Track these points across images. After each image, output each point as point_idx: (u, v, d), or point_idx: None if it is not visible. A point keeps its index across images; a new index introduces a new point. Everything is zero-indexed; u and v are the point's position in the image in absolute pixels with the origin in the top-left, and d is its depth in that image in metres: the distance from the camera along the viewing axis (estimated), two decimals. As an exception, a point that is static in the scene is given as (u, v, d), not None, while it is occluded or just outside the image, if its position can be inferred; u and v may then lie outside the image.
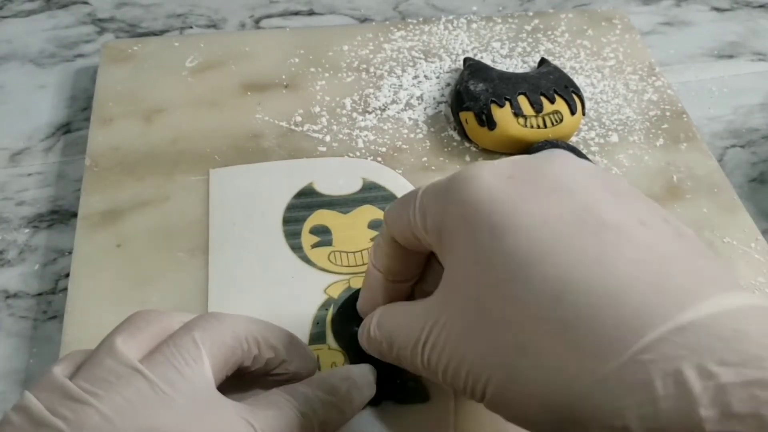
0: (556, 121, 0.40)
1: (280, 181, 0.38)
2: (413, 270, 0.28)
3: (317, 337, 0.32)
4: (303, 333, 0.32)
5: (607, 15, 0.51)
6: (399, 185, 0.38)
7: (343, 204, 0.37)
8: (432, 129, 0.42)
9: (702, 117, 0.48)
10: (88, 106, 0.44)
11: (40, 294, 0.36)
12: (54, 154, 0.42)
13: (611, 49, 0.49)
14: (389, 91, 0.44)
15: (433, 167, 0.40)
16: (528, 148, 0.39)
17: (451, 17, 0.50)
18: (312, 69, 0.45)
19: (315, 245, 0.35)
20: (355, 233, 0.36)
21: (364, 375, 0.26)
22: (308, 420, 0.23)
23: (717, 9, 0.56)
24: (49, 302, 0.36)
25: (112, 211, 0.37)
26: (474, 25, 0.49)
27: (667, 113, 0.45)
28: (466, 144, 0.42)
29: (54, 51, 0.48)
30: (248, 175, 0.38)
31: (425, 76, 0.45)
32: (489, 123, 0.39)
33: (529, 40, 0.49)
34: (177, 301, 0.33)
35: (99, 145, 0.40)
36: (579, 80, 0.46)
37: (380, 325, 0.26)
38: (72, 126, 0.44)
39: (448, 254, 0.23)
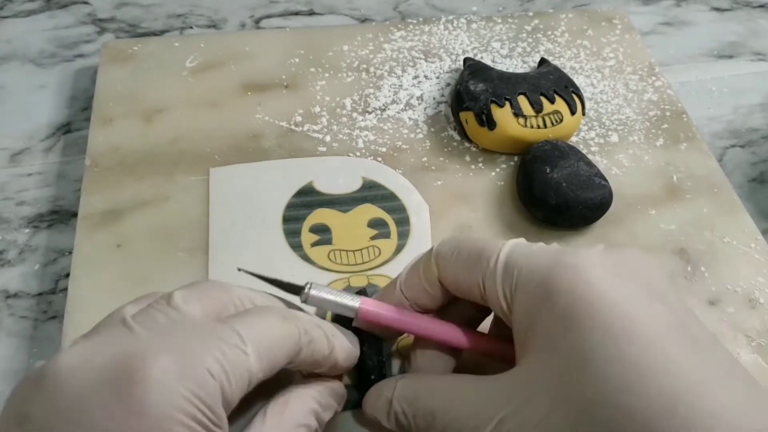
0: (556, 121, 0.40)
1: (280, 180, 0.38)
2: (442, 303, 0.27)
3: None
4: None
5: (607, 15, 0.51)
6: (399, 184, 0.39)
7: (342, 203, 0.37)
8: (432, 129, 0.42)
9: (702, 117, 0.48)
10: (88, 106, 0.44)
11: (40, 294, 0.36)
12: (54, 154, 0.42)
13: (611, 49, 0.49)
14: (389, 91, 0.44)
15: (433, 167, 0.40)
16: (528, 148, 0.39)
17: (451, 17, 0.50)
18: (312, 69, 0.45)
19: (315, 244, 0.36)
20: (355, 232, 0.36)
21: (349, 335, 0.27)
22: (291, 325, 0.23)
23: (717, 9, 0.56)
24: (49, 302, 0.36)
25: (113, 211, 0.37)
26: (474, 25, 0.49)
27: (667, 113, 0.45)
28: (466, 144, 0.42)
29: (54, 51, 0.48)
30: (248, 174, 0.39)
31: (425, 76, 0.45)
32: (489, 123, 0.39)
33: (529, 40, 0.49)
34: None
35: (99, 145, 0.40)
36: (579, 80, 0.46)
37: (411, 399, 0.25)
38: (72, 126, 0.44)
39: (539, 342, 0.22)
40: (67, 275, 0.35)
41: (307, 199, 0.37)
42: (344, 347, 0.26)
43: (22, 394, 0.21)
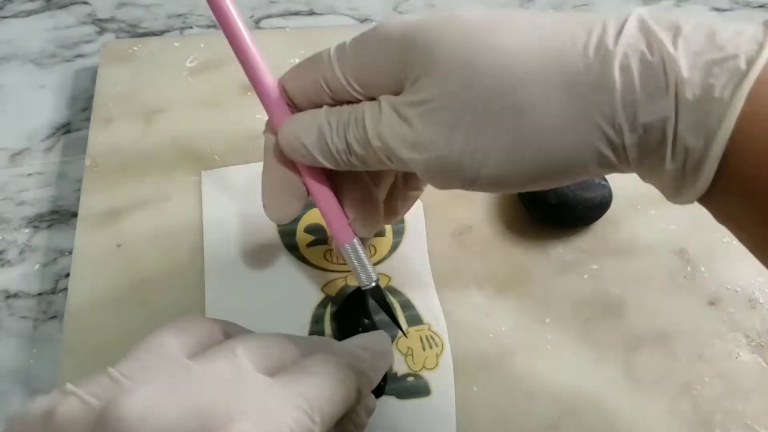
0: (556, 121, 0.40)
1: None
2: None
3: (317, 335, 0.32)
4: (302, 330, 0.32)
5: (606, 15, 0.51)
6: None
7: None
8: (432, 129, 0.42)
9: (702, 117, 0.48)
10: (88, 107, 0.44)
11: (40, 294, 0.36)
12: (54, 154, 0.42)
13: (611, 49, 0.48)
14: (389, 91, 0.44)
15: (432, 167, 0.40)
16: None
17: (450, 17, 0.50)
18: (312, 69, 0.45)
19: (310, 244, 0.35)
20: None
21: (380, 342, 0.26)
22: (346, 387, 0.23)
23: (717, 9, 0.56)
24: (49, 302, 0.36)
25: (112, 211, 0.37)
26: (474, 25, 0.49)
27: (667, 113, 0.45)
28: (466, 144, 0.42)
29: (54, 51, 0.48)
30: (240, 176, 0.38)
31: (425, 76, 0.45)
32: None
33: (529, 40, 0.48)
34: (177, 300, 0.33)
35: (99, 145, 0.40)
36: (579, 80, 0.46)
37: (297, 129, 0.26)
38: (72, 126, 0.44)
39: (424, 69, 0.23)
40: (67, 275, 0.35)
41: None
42: (385, 367, 0.26)
43: None
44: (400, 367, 0.32)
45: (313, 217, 0.37)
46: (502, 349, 0.33)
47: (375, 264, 0.35)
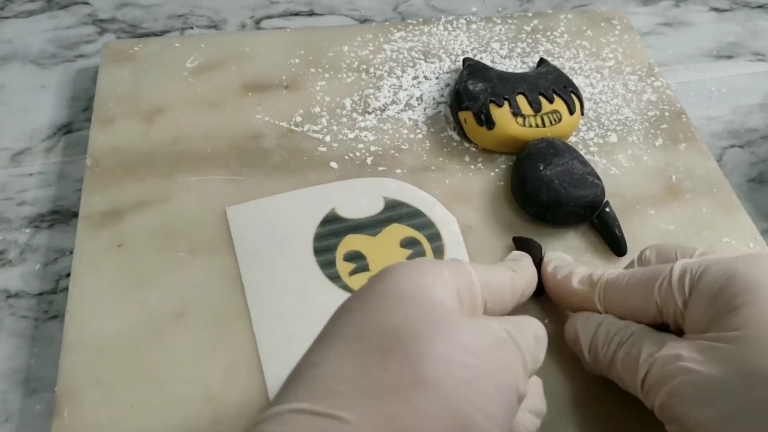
0: (555, 121, 0.40)
1: (302, 211, 0.37)
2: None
3: None
4: None
5: (606, 15, 0.51)
6: (420, 198, 0.38)
7: (369, 226, 0.37)
8: (432, 129, 0.43)
9: (701, 117, 0.48)
10: (89, 107, 0.44)
11: (41, 294, 0.36)
12: (55, 154, 0.42)
13: (610, 49, 0.49)
14: (389, 91, 0.45)
15: (432, 167, 0.40)
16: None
17: (450, 18, 0.50)
18: (312, 69, 0.45)
19: (353, 272, 0.35)
20: (389, 253, 0.36)
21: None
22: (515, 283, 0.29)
23: (716, 9, 0.56)
24: (50, 302, 0.36)
25: (113, 211, 0.37)
26: (473, 26, 0.49)
27: (666, 113, 0.45)
28: (466, 144, 0.42)
29: (55, 51, 0.48)
30: (267, 209, 0.37)
31: (425, 77, 0.46)
32: (488, 122, 0.39)
33: (529, 40, 0.49)
34: (177, 300, 0.34)
35: (100, 145, 0.40)
36: (578, 80, 0.46)
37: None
38: (73, 126, 0.44)
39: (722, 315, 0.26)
40: (68, 275, 0.35)
41: (333, 227, 0.36)
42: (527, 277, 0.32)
43: None
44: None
45: (348, 243, 0.36)
46: (501, 348, 0.33)
47: None
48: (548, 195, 0.36)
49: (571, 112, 0.41)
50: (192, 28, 0.51)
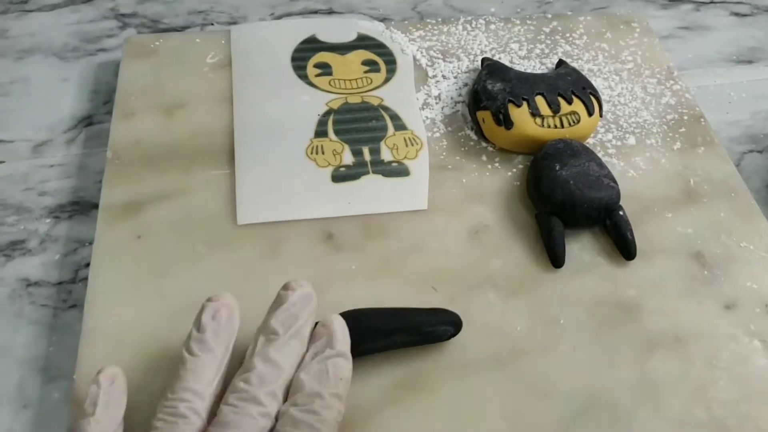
0: (573, 122, 0.40)
1: (290, 34, 0.47)
2: None
3: (320, 133, 0.41)
4: (309, 129, 0.41)
5: (625, 18, 0.51)
6: (388, 37, 0.47)
7: (341, 48, 0.46)
8: (449, 128, 0.43)
9: (720, 121, 0.47)
10: (110, 100, 0.45)
11: (60, 283, 0.37)
12: (76, 146, 0.43)
13: (629, 52, 0.48)
14: (407, 90, 0.45)
15: (449, 166, 0.41)
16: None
17: (469, 18, 0.50)
18: (331, 67, 0.45)
19: (318, 75, 0.44)
20: (351, 67, 0.45)
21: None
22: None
23: (736, 14, 0.56)
24: (69, 291, 0.36)
25: (133, 203, 0.37)
26: (492, 26, 0.49)
27: (685, 117, 0.45)
28: (483, 143, 0.42)
29: (77, 45, 0.49)
30: (263, 30, 0.47)
31: (443, 76, 0.46)
32: (506, 122, 0.39)
33: (548, 41, 0.49)
34: (195, 292, 0.34)
35: (121, 138, 0.40)
36: (597, 82, 0.46)
37: None
38: (94, 119, 0.45)
39: None
40: (87, 265, 0.35)
41: (311, 46, 0.46)
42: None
43: None
44: (386, 156, 0.40)
45: (320, 57, 0.45)
46: (516, 348, 0.33)
47: (371, 90, 0.44)
48: (563, 195, 0.36)
49: (590, 113, 0.41)
50: (212, 24, 0.51)
